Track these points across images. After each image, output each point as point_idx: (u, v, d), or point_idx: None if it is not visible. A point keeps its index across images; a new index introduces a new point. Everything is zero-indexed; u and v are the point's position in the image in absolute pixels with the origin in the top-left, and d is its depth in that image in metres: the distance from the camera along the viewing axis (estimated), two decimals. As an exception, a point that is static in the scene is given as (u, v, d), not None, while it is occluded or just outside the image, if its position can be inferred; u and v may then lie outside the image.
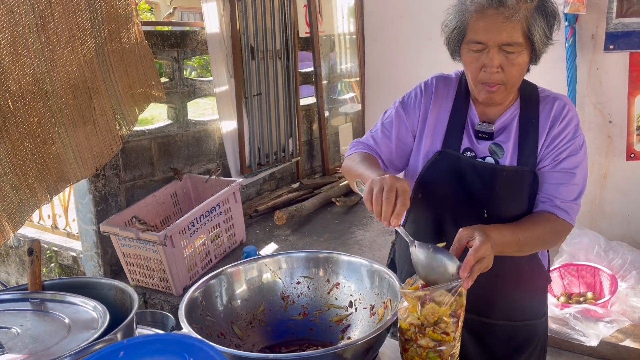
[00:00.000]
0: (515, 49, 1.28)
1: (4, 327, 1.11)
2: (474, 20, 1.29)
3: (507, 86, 1.34)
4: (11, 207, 2.62)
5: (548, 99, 1.42)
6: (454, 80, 1.50)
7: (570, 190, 1.39)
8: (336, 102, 5.49)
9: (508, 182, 1.38)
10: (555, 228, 1.38)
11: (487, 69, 1.31)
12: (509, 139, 1.41)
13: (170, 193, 3.80)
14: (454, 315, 1.17)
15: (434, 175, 1.43)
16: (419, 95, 1.50)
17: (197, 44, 4.04)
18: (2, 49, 2.51)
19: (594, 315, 2.71)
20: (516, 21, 1.25)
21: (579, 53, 3.45)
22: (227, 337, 1.36)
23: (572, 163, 1.38)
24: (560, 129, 1.39)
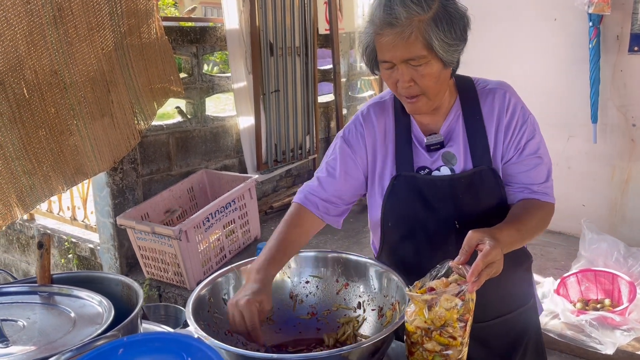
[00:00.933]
0: (420, 62, 1.26)
1: (11, 320, 1.12)
2: (377, 40, 1.29)
3: (428, 95, 1.33)
4: (22, 190, 2.68)
5: (486, 90, 1.42)
6: (388, 101, 1.49)
7: (540, 173, 1.41)
8: (355, 99, 5.47)
9: (469, 187, 1.38)
10: (544, 212, 1.40)
11: (399, 84, 1.31)
12: (457, 142, 1.41)
13: (187, 188, 3.83)
14: (461, 320, 1.16)
15: (396, 201, 1.43)
16: (360, 126, 1.48)
17: (217, 39, 4.05)
18: (18, 38, 2.56)
19: (610, 323, 2.65)
20: (411, 36, 1.23)
21: (603, 54, 3.37)
22: (235, 335, 1.36)
23: (534, 146, 1.40)
24: (509, 118, 1.39)
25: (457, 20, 1.28)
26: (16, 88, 2.60)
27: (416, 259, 1.43)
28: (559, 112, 3.64)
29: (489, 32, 3.80)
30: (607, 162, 3.56)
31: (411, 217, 1.43)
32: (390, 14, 1.24)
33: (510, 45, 3.73)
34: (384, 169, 1.45)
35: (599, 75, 3.38)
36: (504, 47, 3.74)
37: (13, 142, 2.62)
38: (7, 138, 2.60)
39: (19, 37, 2.56)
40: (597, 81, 3.38)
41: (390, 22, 1.24)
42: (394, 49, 1.26)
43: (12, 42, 2.54)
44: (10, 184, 2.63)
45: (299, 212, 1.47)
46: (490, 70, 3.60)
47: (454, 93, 1.44)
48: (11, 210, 2.64)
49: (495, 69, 3.85)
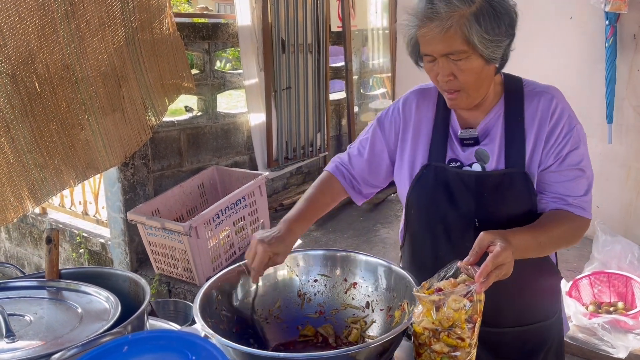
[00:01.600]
0: (461, 56, 1.25)
1: (18, 315, 1.13)
2: (419, 34, 1.28)
3: (468, 91, 1.31)
4: (33, 183, 2.71)
5: (533, 93, 1.38)
6: (433, 89, 1.47)
7: (580, 185, 1.35)
8: (366, 97, 5.44)
9: (496, 187, 1.35)
10: (574, 226, 1.35)
11: (439, 77, 1.30)
12: (493, 141, 1.37)
13: (198, 184, 3.84)
14: (469, 321, 1.15)
15: (422, 189, 1.43)
16: (396, 112, 1.50)
17: (229, 36, 4.05)
18: (30, 31, 2.57)
19: (623, 327, 2.61)
20: (450, 30, 1.22)
21: (619, 53, 3.32)
22: (242, 332, 1.36)
23: (576, 157, 1.34)
24: (553, 125, 1.34)
25: (502, 15, 1.25)
26: (28, 82, 2.62)
27: (433, 251, 1.43)
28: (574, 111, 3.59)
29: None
30: (622, 163, 3.51)
31: (433, 208, 1.42)
32: (431, 8, 1.23)
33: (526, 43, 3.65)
34: (416, 156, 1.45)
35: (615, 75, 3.33)
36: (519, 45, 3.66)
37: (24, 135, 2.64)
38: (19, 131, 2.62)
39: (31, 31, 2.58)
40: (613, 80, 3.33)
41: (431, 16, 1.23)
42: (433, 43, 1.25)
43: (24, 36, 2.56)
44: (22, 177, 2.65)
45: (329, 180, 1.54)
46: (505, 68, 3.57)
47: (500, 91, 1.41)
48: (22, 202, 2.67)
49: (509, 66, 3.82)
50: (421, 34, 1.27)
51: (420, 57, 1.35)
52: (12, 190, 2.63)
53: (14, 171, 2.62)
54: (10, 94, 2.55)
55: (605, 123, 3.43)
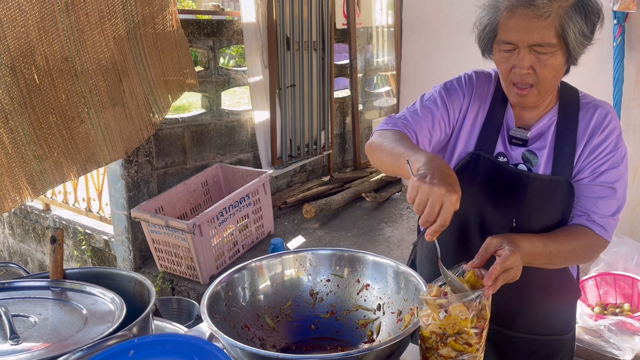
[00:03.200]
0: (547, 50, 1.20)
1: (23, 316, 1.11)
2: (505, 18, 1.21)
3: (540, 89, 1.26)
4: (32, 175, 2.71)
5: (589, 105, 1.34)
6: (493, 79, 1.42)
7: (608, 205, 1.31)
8: (371, 95, 5.42)
9: (540, 192, 1.32)
10: (590, 243, 1.31)
11: (517, 69, 1.24)
12: (544, 147, 1.34)
13: (202, 182, 3.83)
14: (476, 327, 1.13)
15: (464, 177, 1.35)
16: (463, 86, 1.41)
17: (233, 33, 4.03)
18: (30, 24, 2.57)
19: (630, 328, 2.59)
20: (548, 20, 1.17)
21: (628, 53, 3.29)
22: (252, 330, 1.35)
23: (613, 176, 1.31)
24: (601, 139, 1.31)
25: (593, 15, 1.22)
26: (27, 73, 2.61)
27: (460, 246, 1.38)
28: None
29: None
30: (629, 163, 3.48)
31: (472, 199, 1.36)
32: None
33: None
34: (466, 143, 1.39)
35: (622, 75, 3.30)
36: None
37: (23, 127, 2.63)
38: (18, 122, 2.61)
39: (31, 23, 2.57)
40: (621, 80, 3.30)
41: (531, 0, 1.17)
42: (524, 31, 1.19)
43: (23, 28, 2.55)
44: (21, 168, 2.65)
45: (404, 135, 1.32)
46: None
47: (556, 98, 1.37)
48: (21, 193, 2.67)
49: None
50: (509, 19, 1.21)
51: (488, 49, 1.30)
52: (11, 180, 2.63)
53: (12, 162, 2.62)
54: (9, 85, 2.55)
55: (612, 123, 3.41)
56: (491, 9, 1.25)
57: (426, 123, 1.38)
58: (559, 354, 1.47)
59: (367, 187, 4.52)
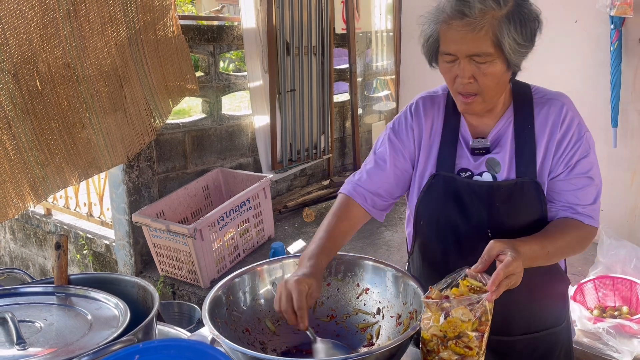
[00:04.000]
0: (486, 59, 1.22)
1: (29, 321, 1.13)
2: (443, 31, 1.24)
3: (484, 97, 1.29)
4: (35, 180, 2.72)
5: (542, 100, 1.37)
6: (440, 96, 1.45)
7: (589, 194, 1.35)
8: (370, 99, 5.44)
9: (508, 197, 1.34)
10: (582, 234, 1.34)
11: (459, 79, 1.27)
12: (504, 150, 1.36)
13: (202, 186, 3.85)
14: (477, 331, 1.15)
15: (431, 200, 1.40)
16: (410, 119, 1.45)
17: (234, 38, 4.06)
18: (32, 31, 2.59)
19: (628, 331, 2.61)
20: (481, 31, 1.19)
21: (625, 57, 3.32)
22: (252, 334, 1.36)
23: (586, 165, 1.34)
24: (563, 132, 1.33)
25: (530, 22, 1.24)
26: (29, 80, 2.63)
27: (444, 262, 1.41)
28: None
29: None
30: (627, 167, 3.50)
31: (443, 218, 1.39)
32: (464, 4, 1.19)
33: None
34: (426, 165, 1.42)
35: (620, 79, 3.32)
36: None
37: (26, 133, 2.65)
38: (20, 129, 2.63)
39: (33, 30, 2.59)
40: (618, 85, 3.33)
41: (463, 12, 1.19)
42: (460, 42, 1.21)
43: (26, 35, 2.57)
44: (23, 174, 2.67)
45: (347, 203, 1.45)
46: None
47: (509, 98, 1.39)
48: (24, 199, 2.68)
49: (513, 70, 3.82)
50: (447, 31, 1.23)
51: (435, 59, 1.32)
52: (14, 187, 2.65)
53: (15, 168, 2.64)
54: (12, 92, 2.57)
55: (610, 127, 3.43)
56: (432, 21, 1.27)
57: (381, 175, 1.46)
58: (558, 346, 1.49)
59: (367, 191, 4.53)
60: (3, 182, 2.60)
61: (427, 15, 1.28)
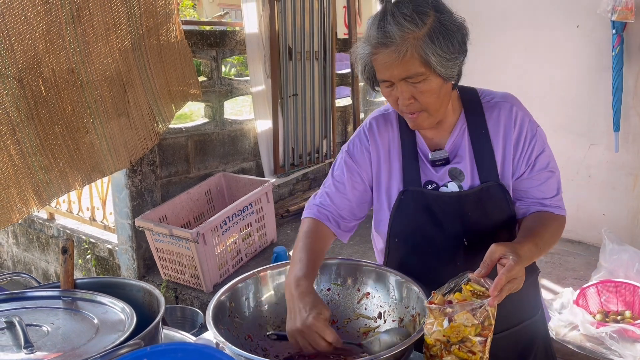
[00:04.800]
0: (419, 79, 1.24)
1: (36, 325, 1.14)
2: (375, 60, 1.27)
3: (429, 111, 1.31)
4: (39, 185, 2.74)
5: (491, 104, 1.39)
6: (392, 114, 1.47)
7: (551, 186, 1.40)
8: (372, 103, 5.46)
9: (477, 204, 1.36)
10: (558, 224, 1.39)
11: (400, 101, 1.29)
12: (463, 158, 1.39)
13: (205, 190, 3.86)
14: (480, 335, 1.15)
15: (403, 216, 1.42)
16: (364, 140, 1.47)
17: (236, 43, 4.08)
18: (37, 37, 2.60)
19: (631, 336, 2.61)
20: (407, 54, 1.21)
21: (626, 62, 3.33)
22: (255, 340, 1.37)
23: (545, 160, 1.39)
24: (517, 133, 1.37)
25: (454, 33, 1.25)
26: (34, 85, 2.65)
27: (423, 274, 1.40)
28: (581, 120, 3.60)
29: (510, 38, 3.77)
30: (628, 171, 3.51)
31: (418, 232, 1.42)
32: (384, 34, 1.22)
33: (532, 52, 3.70)
34: (391, 183, 1.44)
35: (621, 84, 3.33)
36: (525, 54, 3.71)
37: (30, 138, 2.67)
38: (25, 134, 2.65)
39: (38, 35, 2.61)
40: (620, 89, 3.34)
41: (385, 42, 1.22)
42: (391, 68, 1.24)
43: (31, 41, 2.59)
44: (27, 179, 2.68)
45: (316, 225, 1.46)
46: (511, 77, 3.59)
47: (459, 106, 1.42)
48: (27, 204, 2.70)
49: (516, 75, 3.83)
50: (377, 61, 1.26)
51: (375, 83, 1.35)
52: (18, 191, 2.66)
53: (19, 173, 2.66)
54: (16, 97, 2.59)
55: (612, 131, 3.44)
56: (362, 53, 1.29)
57: (340, 197, 1.47)
58: (538, 336, 1.52)
59: (369, 195, 4.54)
60: (7, 187, 2.61)
61: (359, 45, 1.31)
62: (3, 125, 2.56)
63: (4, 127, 2.57)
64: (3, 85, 2.53)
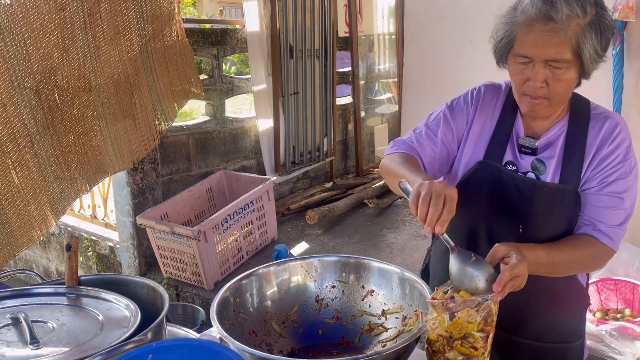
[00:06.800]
0: (562, 65, 1.22)
1: (41, 321, 1.15)
2: (522, 33, 1.23)
3: (551, 101, 1.29)
4: (54, 197, 2.72)
5: (599, 117, 1.36)
6: (503, 90, 1.45)
7: (616, 215, 1.32)
8: (373, 102, 5.47)
9: (547, 200, 1.34)
10: (596, 252, 1.33)
11: (530, 82, 1.26)
12: (552, 156, 1.36)
13: (206, 188, 3.86)
14: (482, 331, 1.16)
15: (473, 185, 1.40)
16: (469, 101, 1.46)
17: (237, 41, 4.08)
18: (52, 45, 2.59)
19: (631, 333, 2.62)
20: (565, 37, 1.19)
21: (627, 61, 3.33)
22: (259, 335, 1.38)
23: (621, 187, 1.32)
24: (610, 150, 1.32)
25: (608, 32, 1.24)
26: (49, 95, 2.63)
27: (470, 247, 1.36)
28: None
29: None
30: (630, 170, 3.52)
31: (480, 206, 1.40)
32: (552, 8, 1.18)
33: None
34: (474, 152, 1.42)
35: (622, 83, 3.33)
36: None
37: (46, 149, 2.65)
38: (41, 146, 2.62)
39: (53, 44, 2.60)
40: (620, 88, 3.34)
41: (550, 16, 1.18)
42: (541, 46, 1.21)
43: (46, 50, 2.57)
44: (44, 192, 2.66)
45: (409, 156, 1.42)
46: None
47: (567, 109, 1.39)
48: (46, 218, 2.67)
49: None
50: (527, 33, 1.22)
51: (504, 57, 1.32)
52: (36, 207, 2.64)
53: (37, 187, 2.63)
54: (34, 108, 2.56)
55: (612, 130, 3.44)
56: (508, 22, 1.26)
57: (429, 144, 1.45)
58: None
59: (370, 194, 4.56)
60: (27, 203, 2.58)
61: (503, 15, 1.28)
62: (22, 139, 2.54)
63: (23, 140, 2.54)
64: (21, 97, 2.50)
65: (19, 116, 2.52)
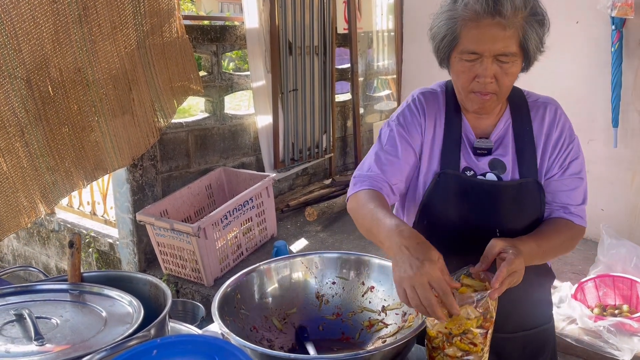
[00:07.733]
0: (510, 59, 1.23)
1: (45, 318, 1.16)
2: (468, 28, 1.22)
3: (500, 96, 1.30)
4: (45, 187, 2.74)
5: (538, 104, 1.40)
6: (439, 94, 1.43)
7: (579, 194, 1.40)
8: (372, 99, 5.47)
9: (514, 197, 1.37)
10: (573, 234, 1.39)
11: (480, 79, 1.25)
12: (507, 152, 1.38)
13: (205, 185, 3.87)
14: (481, 327, 1.17)
15: (436, 199, 1.39)
16: (415, 112, 1.41)
17: (236, 38, 4.08)
18: (44, 37, 2.60)
19: (628, 329, 2.64)
20: (512, 31, 1.20)
21: (625, 58, 3.34)
22: (260, 332, 1.39)
23: (577, 167, 1.39)
24: (558, 135, 1.38)
25: (546, 23, 1.26)
26: (42, 86, 2.64)
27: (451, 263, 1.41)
28: (580, 115, 3.60)
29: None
30: (627, 166, 3.53)
31: (451, 217, 1.39)
32: (498, 2, 1.18)
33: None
34: (430, 163, 1.41)
35: (620, 80, 3.35)
36: (524, 49, 3.71)
37: (38, 140, 2.67)
38: (33, 135, 2.65)
39: (45, 36, 2.60)
40: (619, 85, 3.36)
41: (498, 10, 1.18)
42: (490, 41, 1.20)
43: (38, 41, 2.58)
44: (35, 181, 2.68)
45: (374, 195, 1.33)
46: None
47: (506, 101, 1.41)
48: (36, 207, 2.70)
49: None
50: (473, 29, 1.21)
51: (446, 57, 1.31)
52: (26, 195, 2.66)
53: (27, 176, 2.65)
54: (25, 98, 2.58)
55: (611, 127, 3.46)
56: (450, 18, 1.25)
57: (393, 169, 1.39)
58: (548, 343, 1.53)
59: (369, 190, 4.55)
60: (15, 190, 2.60)
61: (441, 12, 1.27)
62: (12, 127, 2.55)
63: (13, 128, 2.56)
64: (11, 86, 2.52)
65: (9, 105, 2.53)
